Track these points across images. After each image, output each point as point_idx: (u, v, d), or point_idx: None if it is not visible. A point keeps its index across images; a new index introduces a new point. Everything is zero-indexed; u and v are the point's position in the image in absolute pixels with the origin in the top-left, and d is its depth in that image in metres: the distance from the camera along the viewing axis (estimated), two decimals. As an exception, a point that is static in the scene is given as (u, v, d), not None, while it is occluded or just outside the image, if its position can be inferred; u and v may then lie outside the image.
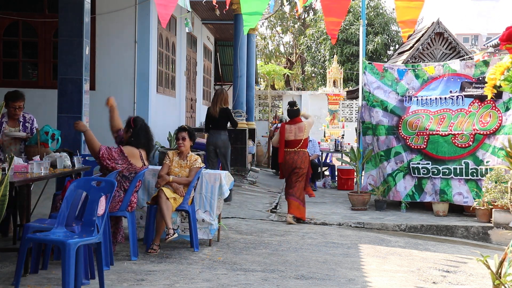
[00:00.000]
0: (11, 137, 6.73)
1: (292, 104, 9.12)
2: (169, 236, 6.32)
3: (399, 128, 10.30)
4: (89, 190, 5.03)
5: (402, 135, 10.28)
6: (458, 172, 9.95)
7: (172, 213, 6.48)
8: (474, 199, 9.59)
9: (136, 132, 6.23)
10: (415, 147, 10.20)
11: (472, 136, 9.93)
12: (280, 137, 8.98)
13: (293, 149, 8.90)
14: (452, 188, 9.96)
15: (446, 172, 10.00)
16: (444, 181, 10.01)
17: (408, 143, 10.24)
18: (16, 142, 6.80)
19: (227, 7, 7.43)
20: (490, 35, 53.30)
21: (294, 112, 9.04)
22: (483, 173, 9.62)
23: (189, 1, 10.74)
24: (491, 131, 9.81)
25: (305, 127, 8.94)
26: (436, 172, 10.05)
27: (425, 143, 10.15)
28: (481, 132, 9.88)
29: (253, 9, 5.53)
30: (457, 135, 10.00)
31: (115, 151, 6.05)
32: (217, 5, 12.12)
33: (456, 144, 10.00)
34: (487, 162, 9.77)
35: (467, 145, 9.95)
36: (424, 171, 10.12)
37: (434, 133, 10.11)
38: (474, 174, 9.87)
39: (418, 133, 10.19)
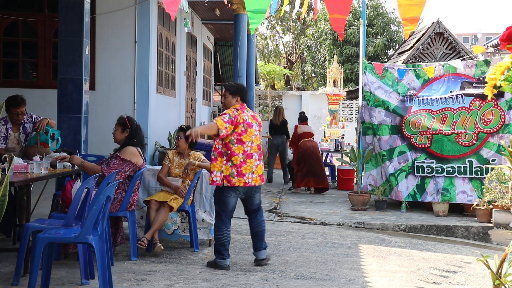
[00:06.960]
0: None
1: (303, 113, 13.49)
2: (156, 245, 6.30)
3: (403, 127, 10.30)
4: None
5: (406, 134, 10.27)
6: (462, 170, 9.97)
7: (172, 213, 6.49)
8: (479, 197, 9.59)
9: (135, 131, 6.20)
10: (420, 146, 10.20)
11: (475, 134, 9.95)
12: (294, 133, 12.86)
13: (308, 139, 12.64)
14: (456, 187, 9.96)
15: (450, 170, 10.01)
16: (448, 180, 10.02)
17: (412, 142, 10.24)
18: (19, 145, 6.76)
19: (228, 5, 7.38)
20: (489, 35, 53.29)
21: (304, 118, 13.13)
22: (489, 171, 9.61)
23: (188, 1, 10.72)
24: (495, 130, 9.86)
25: (311, 127, 13.15)
26: (440, 170, 10.05)
27: (429, 142, 10.15)
28: (484, 131, 9.91)
29: (257, 6, 5.50)
30: (460, 134, 10.01)
31: (116, 162, 5.95)
32: (229, 4, 11.84)
33: (459, 143, 10.01)
34: (492, 160, 9.80)
35: (470, 143, 9.97)
36: (428, 169, 10.12)
37: (437, 132, 10.11)
38: (478, 172, 9.89)
39: (422, 132, 10.19)
